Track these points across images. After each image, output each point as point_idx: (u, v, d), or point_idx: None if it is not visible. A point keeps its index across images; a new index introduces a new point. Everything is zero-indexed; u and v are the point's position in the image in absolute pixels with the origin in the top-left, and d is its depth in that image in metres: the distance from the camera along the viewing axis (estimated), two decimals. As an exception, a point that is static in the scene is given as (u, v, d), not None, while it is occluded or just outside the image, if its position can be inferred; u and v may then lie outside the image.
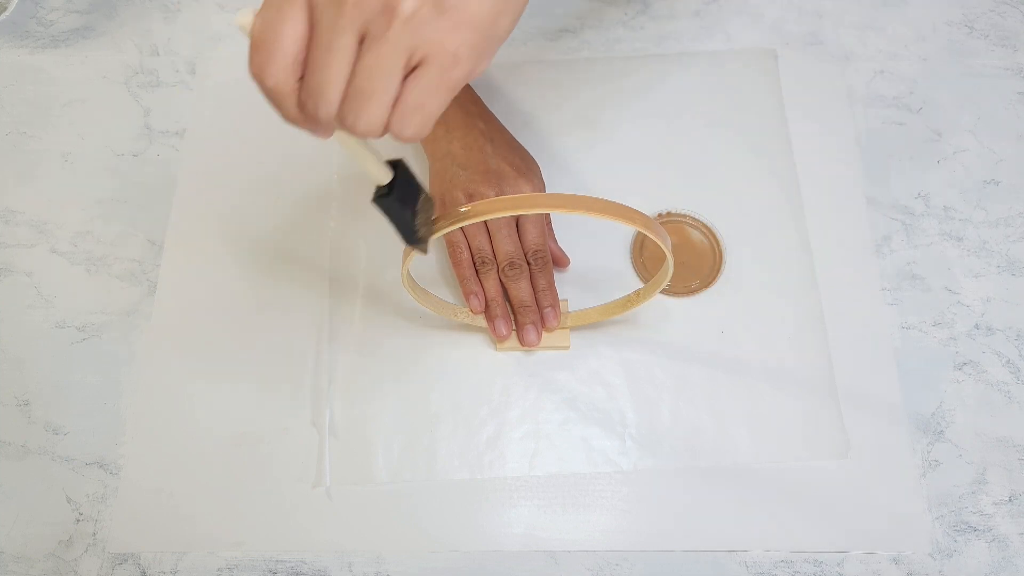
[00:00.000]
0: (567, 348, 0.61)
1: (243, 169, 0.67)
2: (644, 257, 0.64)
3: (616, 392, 0.60)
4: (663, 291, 0.63)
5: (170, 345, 0.61)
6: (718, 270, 0.63)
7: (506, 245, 0.59)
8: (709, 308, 0.63)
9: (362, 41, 0.33)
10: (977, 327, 0.63)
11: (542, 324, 0.60)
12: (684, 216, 0.66)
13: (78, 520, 0.56)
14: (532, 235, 0.60)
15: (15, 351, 0.61)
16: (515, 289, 0.59)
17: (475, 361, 0.61)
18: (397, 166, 0.42)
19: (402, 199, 0.43)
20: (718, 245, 0.64)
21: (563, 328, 0.61)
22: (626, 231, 0.65)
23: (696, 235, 0.65)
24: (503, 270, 0.59)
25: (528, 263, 0.60)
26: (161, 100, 0.70)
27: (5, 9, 0.71)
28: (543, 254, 0.60)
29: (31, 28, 0.72)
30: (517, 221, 0.61)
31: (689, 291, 0.63)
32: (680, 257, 0.64)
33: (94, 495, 0.57)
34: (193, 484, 0.57)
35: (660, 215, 0.66)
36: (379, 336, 0.62)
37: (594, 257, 0.64)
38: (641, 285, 0.63)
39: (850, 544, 0.56)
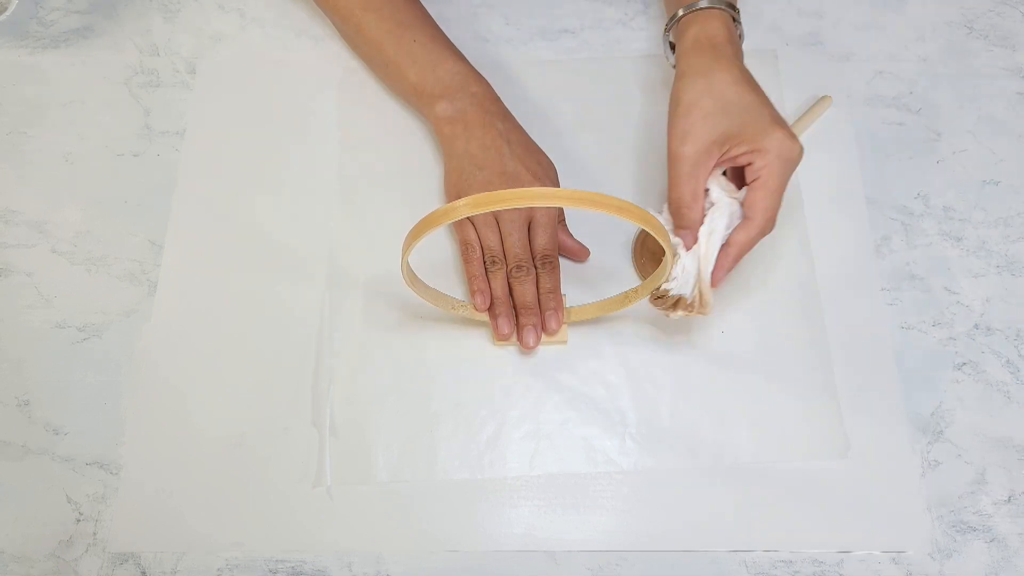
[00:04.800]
0: (565, 343, 0.61)
1: (243, 169, 0.67)
2: (645, 258, 0.64)
3: (616, 392, 0.60)
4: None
5: (170, 345, 0.61)
6: None
7: (516, 247, 0.60)
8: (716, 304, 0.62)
9: None
10: (977, 327, 0.63)
11: (543, 327, 0.60)
12: None
13: (78, 520, 0.56)
14: (542, 239, 0.60)
15: (15, 351, 0.61)
16: (520, 291, 0.60)
17: (476, 361, 0.61)
18: None
19: None
20: None
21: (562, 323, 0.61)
22: (627, 232, 0.65)
23: None
24: (511, 271, 0.60)
25: (535, 267, 0.60)
26: (161, 100, 0.70)
27: (5, 9, 0.71)
28: (551, 258, 0.61)
29: (31, 28, 0.72)
30: (529, 224, 0.61)
31: None
32: None
33: (94, 495, 0.57)
34: (193, 484, 0.57)
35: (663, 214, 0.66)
36: (379, 336, 0.62)
37: (595, 257, 0.64)
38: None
39: (850, 544, 0.56)
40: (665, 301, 0.55)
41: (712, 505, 0.57)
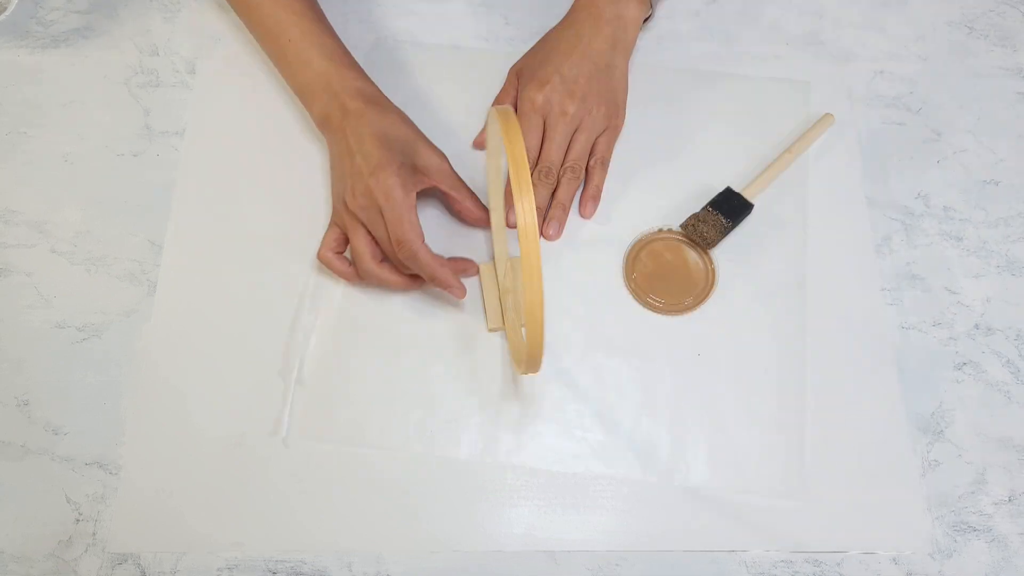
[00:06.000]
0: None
1: (243, 169, 0.67)
2: (636, 274, 0.64)
3: (581, 395, 0.60)
4: (656, 308, 0.63)
5: (170, 345, 0.61)
6: (710, 288, 0.63)
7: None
8: (694, 328, 0.62)
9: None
10: (977, 327, 0.63)
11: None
12: (678, 233, 0.65)
13: (78, 520, 0.56)
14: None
15: (15, 351, 0.61)
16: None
17: (450, 347, 0.61)
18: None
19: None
20: (711, 264, 0.64)
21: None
22: (619, 248, 0.65)
23: (692, 255, 0.64)
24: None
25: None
26: (161, 100, 0.70)
27: (5, 9, 0.71)
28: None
29: (31, 28, 0.72)
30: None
31: (682, 309, 0.63)
32: (673, 276, 0.64)
33: (94, 495, 0.57)
34: (193, 484, 0.57)
35: (660, 230, 0.65)
36: (375, 329, 0.62)
37: (586, 273, 0.64)
38: (634, 302, 0.63)
39: (850, 544, 0.56)
40: None
41: (712, 505, 0.57)
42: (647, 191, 0.67)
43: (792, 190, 0.67)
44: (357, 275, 0.60)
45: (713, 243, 0.63)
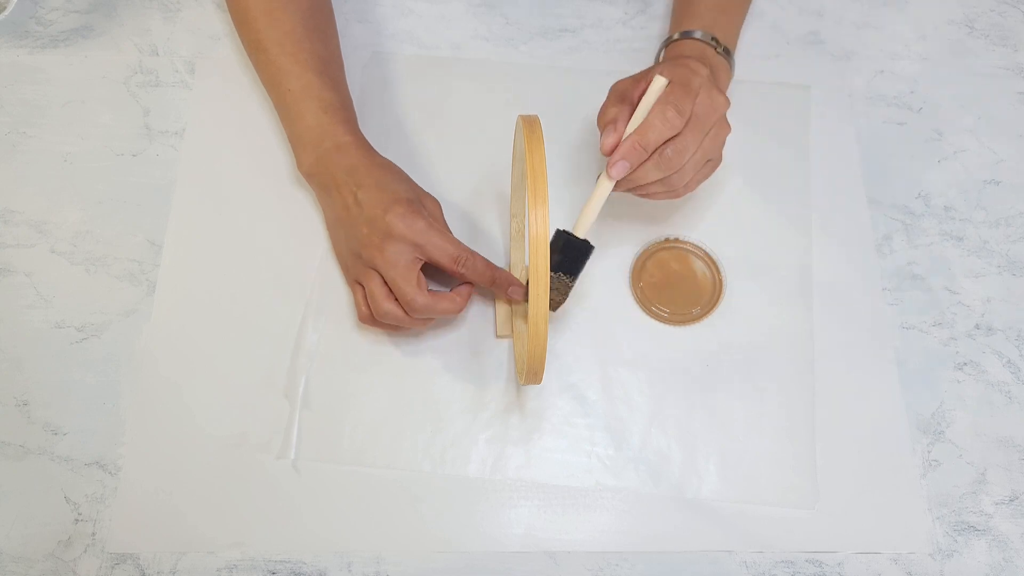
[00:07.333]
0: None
1: (243, 169, 0.67)
2: (643, 283, 0.64)
3: (590, 408, 0.60)
4: (664, 319, 0.63)
5: (170, 345, 0.61)
6: (718, 298, 0.63)
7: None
8: (701, 337, 0.62)
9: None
10: (977, 327, 0.63)
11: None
12: (687, 243, 0.65)
13: (77, 520, 0.56)
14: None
15: (15, 351, 0.61)
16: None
17: (457, 360, 0.61)
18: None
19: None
20: (719, 275, 0.64)
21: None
22: (625, 257, 0.65)
23: (699, 265, 0.64)
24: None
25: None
26: (161, 100, 0.70)
27: (5, 9, 0.71)
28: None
29: (31, 28, 0.72)
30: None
31: (690, 319, 0.63)
32: (680, 285, 0.64)
33: (93, 495, 0.57)
34: (193, 484, 0.57)
35: (668, 239, 0.65)
36: (380, 344, 0.62)
37: (593, 283, 0.64)
38: (641, 313, 0.63)
39: (850, 544, 0.56)
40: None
41: (712, 506, 0.57)
42: (652, 200, 0.66)
43: (795, 193, 0.67)
44: (372, 318, 0.58)
45: (557, 306, 0.56)
